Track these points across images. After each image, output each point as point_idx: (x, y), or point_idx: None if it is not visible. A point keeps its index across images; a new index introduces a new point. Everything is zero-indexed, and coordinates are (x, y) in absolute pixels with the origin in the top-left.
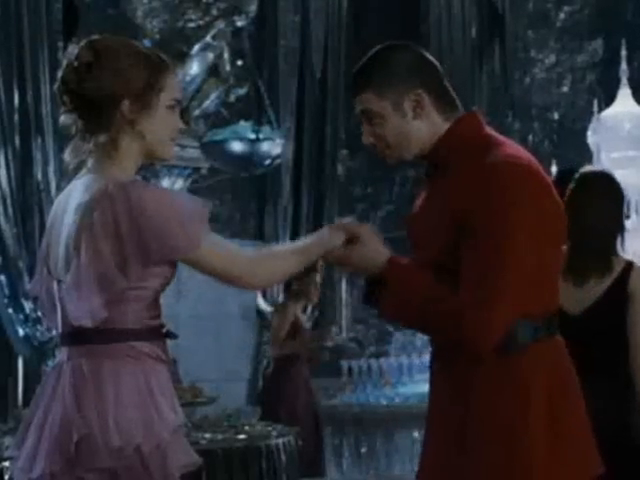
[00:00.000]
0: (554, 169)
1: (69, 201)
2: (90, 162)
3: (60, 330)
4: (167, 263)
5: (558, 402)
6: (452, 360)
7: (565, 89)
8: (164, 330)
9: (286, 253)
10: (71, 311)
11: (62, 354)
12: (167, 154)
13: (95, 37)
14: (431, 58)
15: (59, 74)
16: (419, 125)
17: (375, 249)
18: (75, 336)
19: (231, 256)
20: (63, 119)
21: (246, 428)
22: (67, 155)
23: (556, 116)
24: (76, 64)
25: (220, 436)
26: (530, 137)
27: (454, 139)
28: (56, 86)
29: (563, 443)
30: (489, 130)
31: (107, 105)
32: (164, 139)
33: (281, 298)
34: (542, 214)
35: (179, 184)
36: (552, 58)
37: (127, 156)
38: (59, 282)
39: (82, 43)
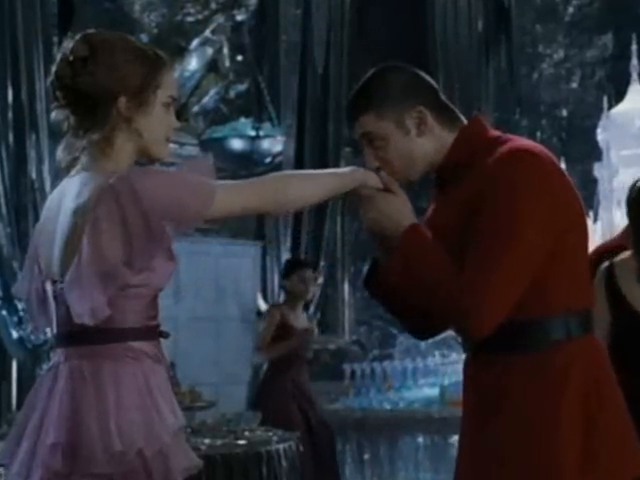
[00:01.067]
0: (563, 167)
1: (63, 200)
2: (84, 159)
3: (55, 331)
4: (167, 258)
5: (593, 402)
6: (485, 360)
7: (574, 85)
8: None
9: (316, 174)
10: (73, 309)
11: (58, 355)
12: (162, 153)
13: (91, 31)
14: (426, 76)
15: (53, 68)
16: (423, 142)
17: (404, 209)
18: (73, 336)
19: (255, 192)
20: (55, 115)
21: (246, 433)
22: (60, 152)
23: (565, 113)
24: (71, 58)
25: (219, 441)
26: (538, 134)
27: (461, 148)
28: (49, 80)
29: (598, 443)
30: (494, 132)
31: (102, 101)
32: (160, 138)
33: (282, 299)
34: (555, 199)
35: None
36: (560, 53)
37: (122, 154)
38: (54, 282)
39: (77, 37)
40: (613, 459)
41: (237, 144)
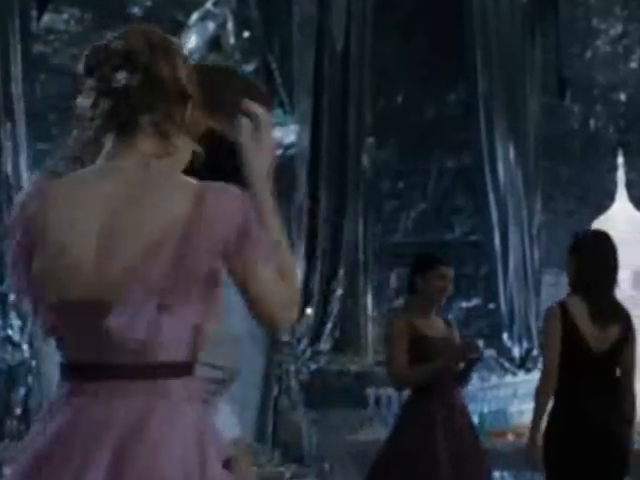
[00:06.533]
0: (620, 160)
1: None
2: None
3: (99, 360)
4: None
5: None
6: None
7: (633, 65)
8: None
9: None
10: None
11: (86, 390)
12: None
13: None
14: None
15: (119, 41)
16: None
17: None
18: (116, 369)
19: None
20: (81, 101)
21: (254, 468)
22: (73, 142)
23: (623, 97)
24: (155, 41)
25: None
26: (592, 122)
27: None
28: (104, 47)
29: None
30: None
31: (175, 91)
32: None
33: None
34: None
35: None
36: (618, 28)
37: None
38: None
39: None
40: None
41: None
